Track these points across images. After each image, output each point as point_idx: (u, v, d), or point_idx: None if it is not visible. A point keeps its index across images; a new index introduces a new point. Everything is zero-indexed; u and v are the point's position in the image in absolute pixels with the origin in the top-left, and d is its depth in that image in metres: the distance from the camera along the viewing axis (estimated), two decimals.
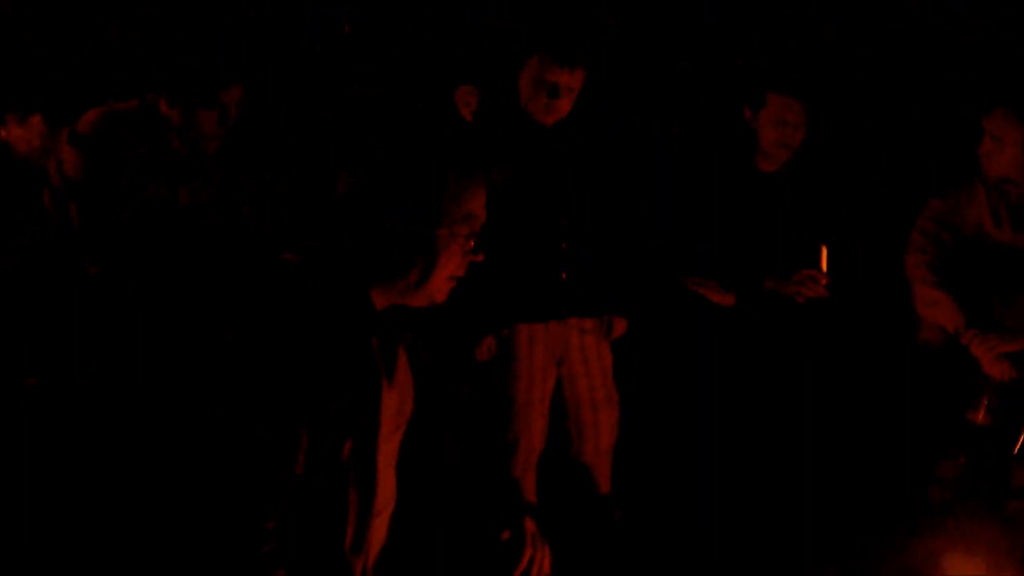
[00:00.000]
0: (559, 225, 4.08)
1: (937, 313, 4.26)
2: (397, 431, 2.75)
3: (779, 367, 4.41)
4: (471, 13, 4.20)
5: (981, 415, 4.15)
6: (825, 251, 4.26)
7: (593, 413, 4.25)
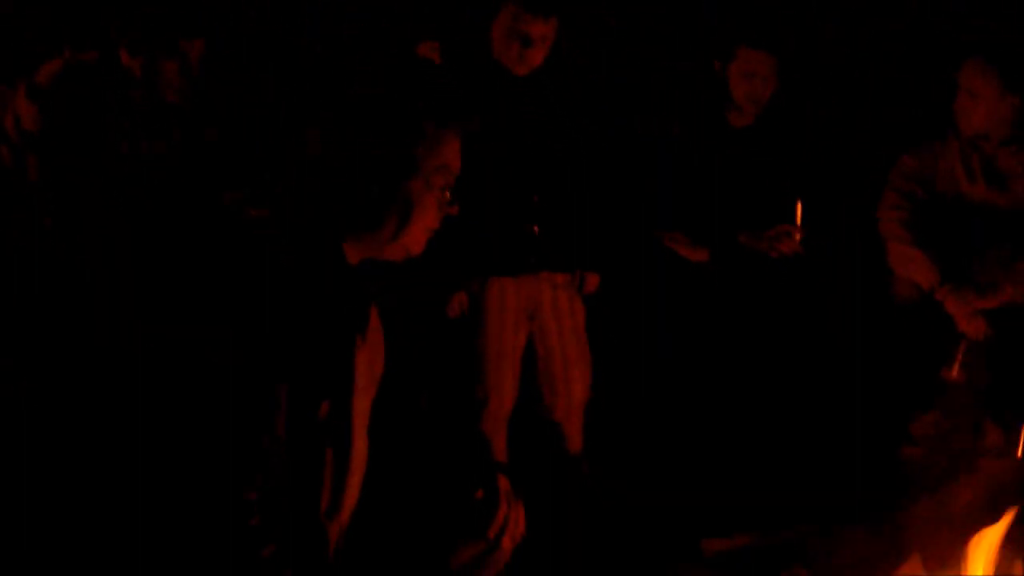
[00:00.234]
0: (530, 178, 4.02)
1: (911, 270, 4.27)
2: (369, 390, 2.68)
3: (751, 323, 4.39)
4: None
5: (955, 371, 4.15)
6: (800, 206, 4.23)
7: (564, 369, 4.19)
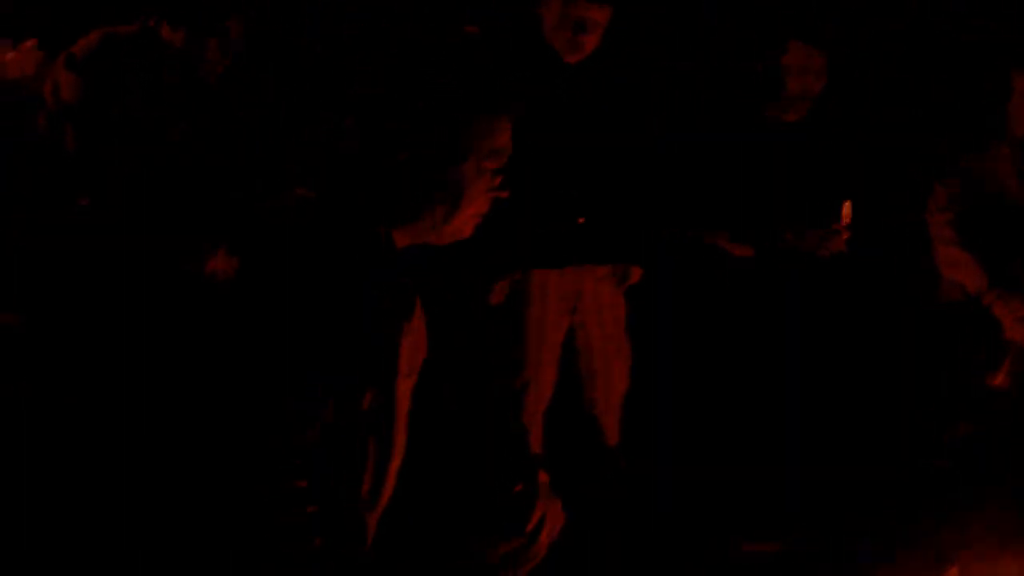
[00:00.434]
0: (577, 168, 3.94)
1: (959, 273, 4.23)
2: (411, 378, 2.61)
3: (794, 322, 4.32)
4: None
5: (1001, 378, 4.11)
6: (848, 206, 4.16)
7: (605, 363, 4.13)
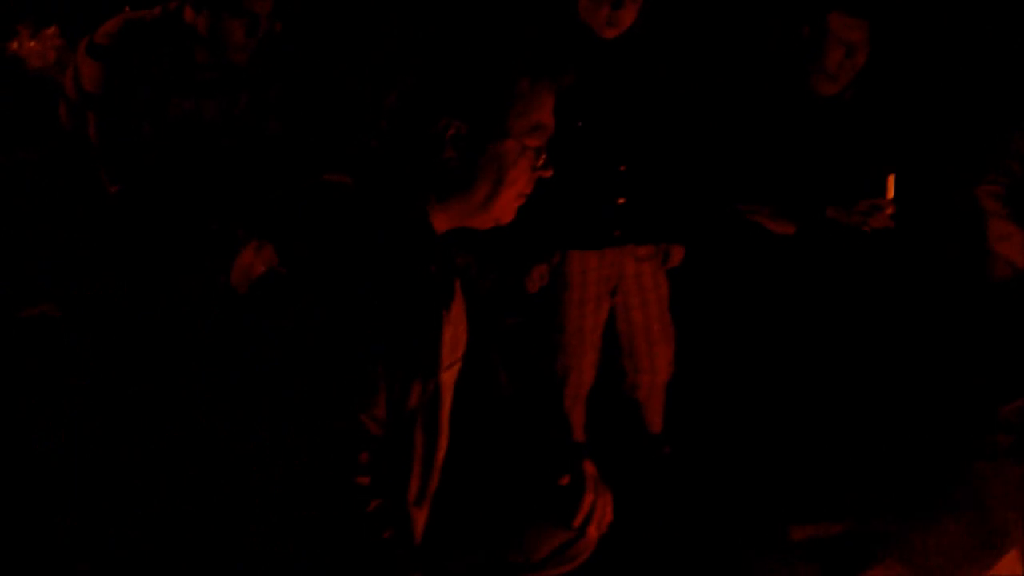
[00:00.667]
0: (617, 147, 3.85)
1: (1009, 247, 4.13)
2: (453, 367, 2.51)
3: (839, 300, 4.22)
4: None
5: None
6: (892, 180, 4.06)
7: (648, 346, 4.05)
